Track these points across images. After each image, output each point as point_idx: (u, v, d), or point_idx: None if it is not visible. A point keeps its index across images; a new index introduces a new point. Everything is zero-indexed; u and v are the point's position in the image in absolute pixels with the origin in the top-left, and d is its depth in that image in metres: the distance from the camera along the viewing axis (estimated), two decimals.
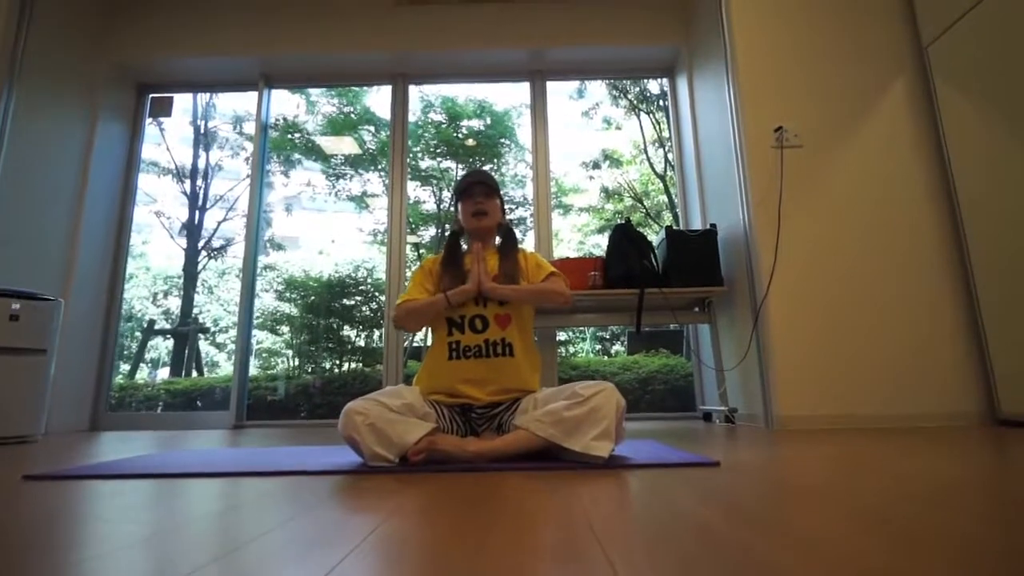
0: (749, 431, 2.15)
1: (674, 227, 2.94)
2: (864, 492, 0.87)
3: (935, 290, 2.29)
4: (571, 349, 4.61)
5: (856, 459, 1.28)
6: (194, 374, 4.17)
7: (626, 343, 4.46)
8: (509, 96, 4.43)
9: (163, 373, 4.22)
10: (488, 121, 4.47)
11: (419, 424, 1.26)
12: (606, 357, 4.57)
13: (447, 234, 1.88)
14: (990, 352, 2.14)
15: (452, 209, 1.77)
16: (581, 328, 4.43)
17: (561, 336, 4.29)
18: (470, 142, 4.46)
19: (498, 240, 1.60)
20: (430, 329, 1.52)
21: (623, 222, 2.78)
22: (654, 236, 2.91)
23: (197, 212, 4.38)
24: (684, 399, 3.47)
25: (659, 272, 2.64)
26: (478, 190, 1.55)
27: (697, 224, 3.10)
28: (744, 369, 2.46)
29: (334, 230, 4.52)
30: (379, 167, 4.28)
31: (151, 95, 3.59)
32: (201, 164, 4.46)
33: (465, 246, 1.62)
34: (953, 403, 2.17)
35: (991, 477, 1.07)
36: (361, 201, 4.42)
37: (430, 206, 4.49)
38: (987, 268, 2.17)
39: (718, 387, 2.66)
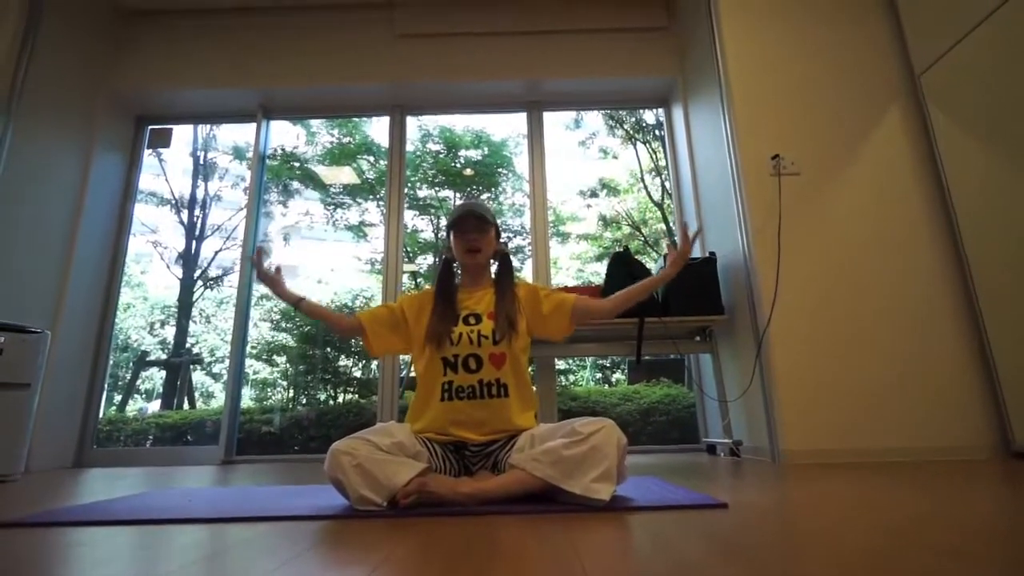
0: (755, 465, 2.07)
1: None
2: (881, 541, 0.81)
3: (940, 318, 2.24)
4: (571, 378, 4.54)
5: (868, 500, 1.21)
6: (186, 406, 4.08)
7: (627, 372, 4.38)
8: (506, 126, 4.47)
9: (156, 405, 4.13)
10: (486, 151, 4.50)
11: (409, 464, 1.20)
12: (607, 386, 4.48)
13: (440, 260, 1.84)
14: (1000, 382, 2.09)
15: (445, 237, 1.73)
16: (581, 357, 4.36)
17: (560, 365, 4.22)
18: (468, 171, 4.49)
19: (494, 270, 1.56)
20: (416, 364, 1.47)
21: (621, 250, 2.76)
22: (652, 264, 2.88)
23: (194, 242, 4.37)
24: (687, 431, 3.38)
25: (659, 300, 2.60)
26: (471, 224, 1.47)
27: (696, 252, 3.06)
28: (748, 400, 2.40)
29: (333, 259, 4.50)
30: (378, 196, 4.29)
31: (150, 127, 3.61)
32: (200, 194, 4.48)
33: (460, 273, 1.58)
34: (965, 436, 2.10)
35: (1013, 521, 1.01)
36: (359, 230, 4.42)
37: (428, 235, 4.48)
38: (991, 294, 2.14)
39: (722, 419, 2.59)
